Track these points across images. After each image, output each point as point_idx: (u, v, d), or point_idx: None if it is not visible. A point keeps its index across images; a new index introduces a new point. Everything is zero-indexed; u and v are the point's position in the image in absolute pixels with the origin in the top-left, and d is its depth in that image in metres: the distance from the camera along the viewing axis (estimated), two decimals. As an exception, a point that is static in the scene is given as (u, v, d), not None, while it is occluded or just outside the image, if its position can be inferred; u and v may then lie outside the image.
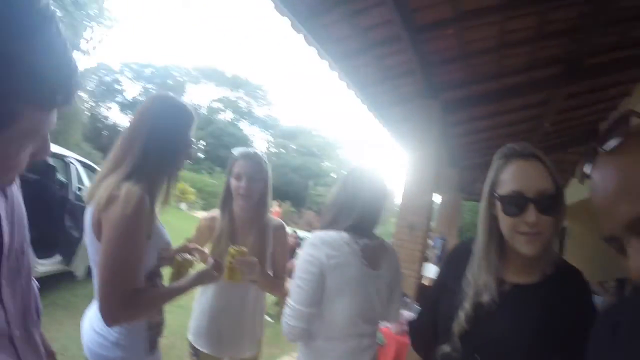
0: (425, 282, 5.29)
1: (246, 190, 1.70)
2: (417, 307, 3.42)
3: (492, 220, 1.03)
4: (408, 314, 2.91)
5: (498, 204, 1.00)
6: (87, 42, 21.54)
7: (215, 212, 1.83)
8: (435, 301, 1.17)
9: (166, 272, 1.44)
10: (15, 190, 0.76)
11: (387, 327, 2.95)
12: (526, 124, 6.04)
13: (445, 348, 1.05)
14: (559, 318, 0.96)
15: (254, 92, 42.20)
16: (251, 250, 1.64)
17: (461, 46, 3.74)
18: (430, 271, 6.62)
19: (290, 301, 1.37)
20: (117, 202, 1.12)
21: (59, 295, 3.95)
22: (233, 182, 1.73)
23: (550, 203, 0.96)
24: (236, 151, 1.78)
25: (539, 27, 3.65)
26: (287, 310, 1.38)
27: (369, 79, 4.23)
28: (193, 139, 1.34)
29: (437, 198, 8.18)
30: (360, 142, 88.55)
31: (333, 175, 41.82)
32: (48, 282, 3.92)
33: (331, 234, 1.40)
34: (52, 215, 3.62)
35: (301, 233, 11.34)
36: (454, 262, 1.15)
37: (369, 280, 1.42)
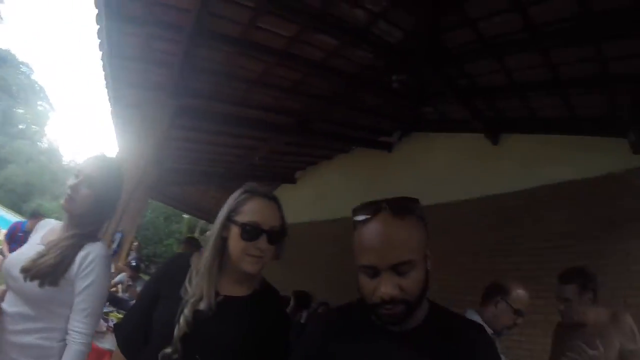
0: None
1: None
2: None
3: (222, 241, 1.20)
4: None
5: (234, 229, 1.18)
6: None
7: None
8: (147, 307, 1.23)
9: None
10: None
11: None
12: (241, 150, 6.49)
13: (167, 350, 1.11)
14: (259, 326, 1.19)
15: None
16: None
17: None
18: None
19: None
20: None
21: None
22: None
23: (277, 236, 1.20)
24: None
25: (291, 82, 4.15)
26: None
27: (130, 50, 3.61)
28: None
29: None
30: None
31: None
32: None
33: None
34: None
35: None
36: (171, 273, 1.26)
37: None
